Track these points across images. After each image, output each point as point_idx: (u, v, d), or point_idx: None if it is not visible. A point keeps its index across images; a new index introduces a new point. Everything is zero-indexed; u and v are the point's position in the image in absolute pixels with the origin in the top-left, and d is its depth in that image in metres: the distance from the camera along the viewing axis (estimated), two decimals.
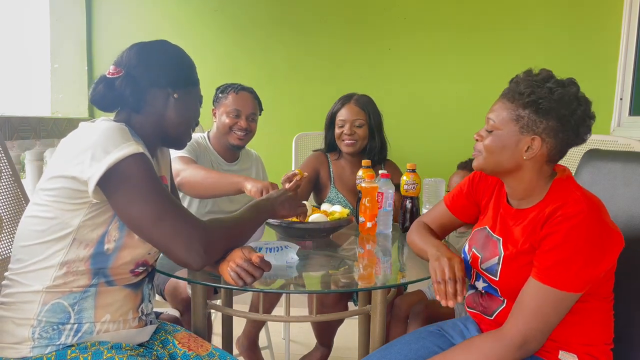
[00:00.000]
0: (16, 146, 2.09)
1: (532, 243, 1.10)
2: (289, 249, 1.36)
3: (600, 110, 2.54)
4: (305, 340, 2.59)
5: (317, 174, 2.22)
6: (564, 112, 1.07)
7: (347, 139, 2.11)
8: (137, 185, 1.01)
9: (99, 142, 0.99)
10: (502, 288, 1.18)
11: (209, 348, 1.22)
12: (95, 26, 2.98)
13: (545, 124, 1.08)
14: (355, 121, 2.11)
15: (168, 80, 1.16)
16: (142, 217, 1.01)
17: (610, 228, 1.05)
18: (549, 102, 1.07)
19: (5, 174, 1.53)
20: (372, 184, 1.68)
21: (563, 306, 1.05)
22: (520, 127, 1.10)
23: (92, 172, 0.97)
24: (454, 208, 1.39)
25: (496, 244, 1.20)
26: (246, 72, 2.92)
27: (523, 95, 1.09)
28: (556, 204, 1.08)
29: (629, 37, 2.61)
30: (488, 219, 1.28)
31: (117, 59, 1.16)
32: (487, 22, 2.75)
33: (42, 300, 1.04)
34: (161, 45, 1.20)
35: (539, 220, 1.09)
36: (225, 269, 1.12)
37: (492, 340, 1.09)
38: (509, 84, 1.15)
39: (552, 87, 1.08)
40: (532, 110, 1.08)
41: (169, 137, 1.21)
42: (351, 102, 2.14)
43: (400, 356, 1.24)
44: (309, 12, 2.87)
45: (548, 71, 1.13)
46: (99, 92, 1.12)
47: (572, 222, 1.03)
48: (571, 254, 1.02)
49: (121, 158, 0.98)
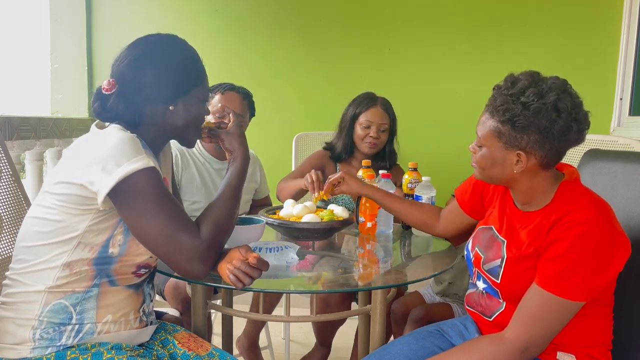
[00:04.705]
0: (16, 146, 2.09)
1: (537, 248, 1.09)
2: (288, 249, 1.36)
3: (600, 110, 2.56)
4: (305, 340, 2.59)
5: (323, 171, 2.22)
6: (543, 124, 1.03)
7: (371, 141, 2.10)
8: (146, 200, 1.01)
9: (111, 155, 0.99)
10: (503, 291, 1.17)
11: (209, 348, 1.22)
12: (95, 26, 2.98)
13: (527, 139, 1.05)
14: (381, 125, 2.10)
15: (165, 95, 1.12)
16: (148, 230, 1.02)
17: (618, 235, 1.03)
18: (525, 119, 1.04)
19: (5, 174, 1.53)
20: (372, 184, 1.68)
21: (566, 314, 1.04)
22: (504, 143, 1.08)
23: (102, 184, 0.97)
24: (461, 198, 1.40)
25: (500, 245, 1.19)
26: (247, 72, 2.92)
27: (499, 112, 1.07)
28: (563, 209, 1.06)
29: (629, 37, 2.61)
30: (494, 219, 1.26)
31: (113, 67, 1.13)
32: (487, 22, 2.75)
33: (44, 300, 1.04)
34: (156, 52, 1.12)
35: (545, 226, 1.07)
36: (225, 269, 1.12)
37: (493, 344, 1.08)
38: (492, 92, 1.13)
39: (526, 101, 1.04)
40: (510, 127, 1.06)
41: (176, 139, 1.20)
42: (378, 106, 2.12)
43: (400, 356, 1.24)
44: (310, 12, 2.87)
45: (529, 76, 1.08)
46: (96, 110, 1.12)
47: (580, 230, 1.01)
48: (577, 263, 1.01)
49: (132, 172, 0.98)
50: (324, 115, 2.23)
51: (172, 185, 1.35)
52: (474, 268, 1.27)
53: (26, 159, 2.30)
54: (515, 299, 1.12)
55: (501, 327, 1.13)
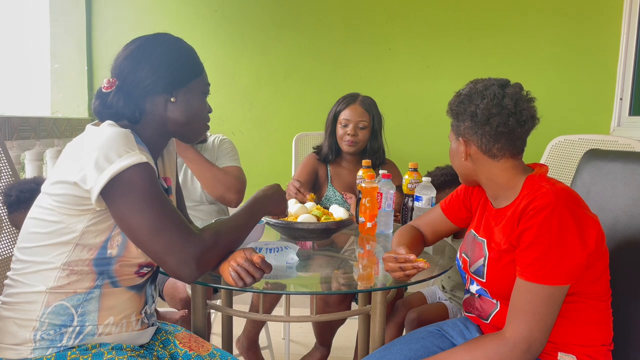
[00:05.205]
0: (16, 146, 2.09)
1: (511, 241, 1.11)
2: (289, 249, 1.36)
3: (600, 110, 2.56)
4: (305, 340, 2.59)
5: (316, 173, 2.23)
6: (471, 109, 1.14)
7: (349, 139, 2.11)
8: (138, 196, 1.00)
9: (102, 150, 0.98)
10: (491, 289, 1.19)
11: (209, 348, 1.22)
12: (95, 26, 2.98)
13: (463, 125, 1.17)
14: (359, 122, 2.11)
15: (163, 86, 1.11)
16: (139, 228, 1.01)
17: (583, 216, 1.05)
18: (457, 106, 1.18)
19: (5, 174, 1.53)
20: (372, 184, 1.68)
21: (554, 301, 1.05)
22: (454, 134, 1.21)
23: (95, 181, 0.97)
24: (449, 212, 1.40)
25: (481, 245, 1.22)
26: (246, 72, 2.92)
27: (449, 106, 1.22)
28: (527, 199, 1.09)
29: (629, 37, 2.61)
30: (475, 222, 1.30)
31: (112, 66, 1.13)
32: (487, 22, 2.75)
33: (45, 301, 1.04)
34: (153, 45, 1.12)
35: (514, 218, 1.11)
36: (226, 269, 1.11)
37: (497, 344, 1.08)
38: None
39: (461, 91, 1.19)
40: (452, 116, 1.21)
41: (178, 135, 1.19)
42: (356, 103, 2.13)
43: (400, 356, 1.25)
44: (309, 13, 2.87)
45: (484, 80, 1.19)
46: (97, 109, 1.11)
47: (542, 215, 1.04)
48: (548, 247, 1.03)
49: (124, 168, 0.97)
50: (324, 115, 2.23)
51: (176, 187, 1.33)
52: (465, 274, 1.30)
53: (26, 159, 2.30)
54: (504, 295, 1.14)
55: (499, 328, 1.14)
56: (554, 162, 2.24)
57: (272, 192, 1.29)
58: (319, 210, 1.64)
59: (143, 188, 1.00)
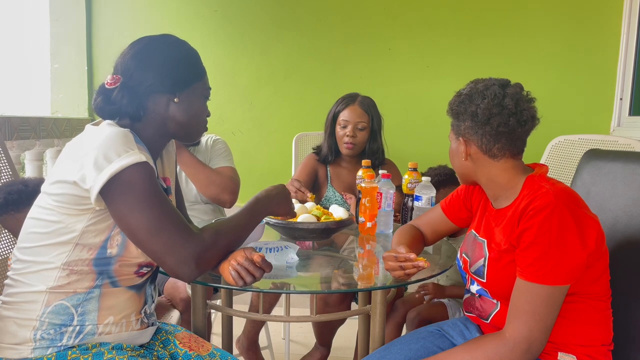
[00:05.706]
0: (16, 146, 2.09)
1: (511, 242, 1.11)
2: (289, 249, 1.36)
3: (600, 110, 2.56)
4: (305, 340, 2.59)
5: (316, 174, 2.23)
6: (471, 109, 1.14)
7: (348, 142, 2.11)
8: (137, 195, 1.00)
9: (101, 149, 0.98)
10: (491, 289, 1.20)
11: (210, 348, 1.22)
12: (95, 26, 2.98)
13: (463, 125, 1.17)
14: (358, 123, 2.11)
15: (167, 86, 1.12)
16: (138, 227, 1.01)
17: (583, 216, 1.05)
18: (458, 106, 1.18)
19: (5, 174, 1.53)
20: (372, 184, 1.68)
21: (554, 301, 1.05)
22: (454, 134, 1.21)
23: (94, 181, 0.97)
24: (450, 212, 1.40)
25: (481, 246, 1.22)
26: (246, 72, 2.92)
27: (449, 106, 1.22)
28: (527, 200, 1.09)
29: (629, 37, 2.61)
30: (475, 222, 1.30)
31: (116, 64, 1.14)
32: (487, 22, 2.75)
33: (45, 300, 1.04)
34: (159, 45, 1.14)
35: (514, 219, 1.11)
36: (226, 268, 1.11)
37: (498, 344, 1.08)
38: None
39: (461, 91, 1.19)
40: (453, 116, 1.21)
41: (177, 136, 1.20)
42: (355, 104, 2.13)
43: (400, 356, 1.25)
44: (309, 13, 2.87)
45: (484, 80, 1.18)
46: (99, 105, 1.11)
47: (542, 215, 1.04)
48: (548, 247, 1.03)
49: (123, 167, 0.97)
50: (324, 115, 2.23)
51: (175, 187, 1.33)
52: (466, 274, 1.30)
53: (26, 159, 2.30)
54: (504, 295, 1.14)
55: (499, 328, 1.13)
56: (554, 162, 2.25)
57: (275, 192, 1.30)
58: (319, 210, 1.64)
59: (142, 187, 1.00)
